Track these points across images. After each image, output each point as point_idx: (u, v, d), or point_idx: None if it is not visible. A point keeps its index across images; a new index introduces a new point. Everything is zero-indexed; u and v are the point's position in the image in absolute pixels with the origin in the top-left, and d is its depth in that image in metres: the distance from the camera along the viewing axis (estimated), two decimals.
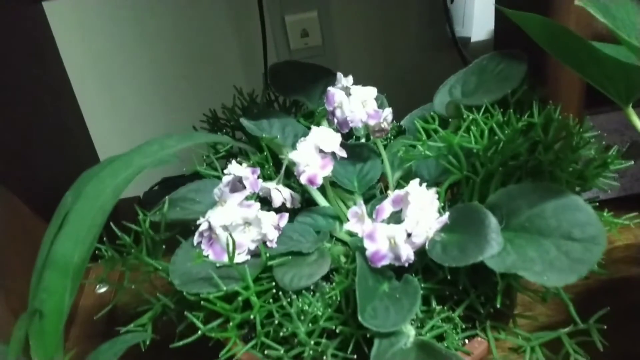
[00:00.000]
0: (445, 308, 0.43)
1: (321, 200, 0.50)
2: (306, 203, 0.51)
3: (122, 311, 0.64)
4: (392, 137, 0.55)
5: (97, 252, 0.47)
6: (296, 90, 0.57)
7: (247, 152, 0.53)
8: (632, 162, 0.46)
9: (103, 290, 0.69)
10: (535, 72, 0.53)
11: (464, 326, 0.43)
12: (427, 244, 0.40)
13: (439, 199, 0.41)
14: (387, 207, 0.41)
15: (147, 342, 0.45)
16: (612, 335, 0.41)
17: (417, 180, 0.40)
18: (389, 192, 0.42)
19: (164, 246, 0.47)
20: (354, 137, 0.55)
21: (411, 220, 0.39)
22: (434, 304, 0.43)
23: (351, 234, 0.46)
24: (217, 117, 0.58)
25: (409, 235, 0.39)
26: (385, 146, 0.53)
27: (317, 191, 0.50)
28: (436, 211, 0.40)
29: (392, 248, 0.40)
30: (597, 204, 0.41)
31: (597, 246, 0.37)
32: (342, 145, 0.47)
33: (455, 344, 0.42)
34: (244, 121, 0.52)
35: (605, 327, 0.41)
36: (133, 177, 0.35)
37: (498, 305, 0.41)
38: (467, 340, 0.43)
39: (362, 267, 0.40)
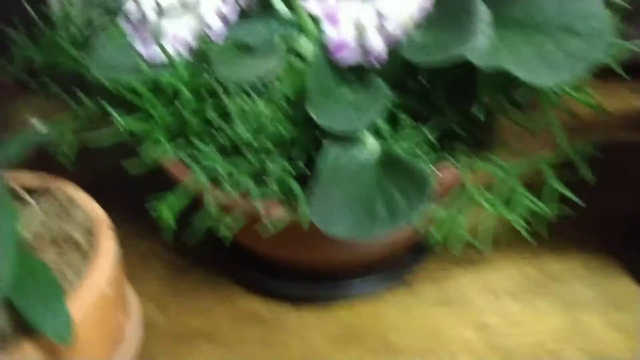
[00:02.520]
0: (418, 125, 0.36)
1: (278, 4, 0.42)
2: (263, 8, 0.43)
3: None
4: None
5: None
6: None
7: None
8: None
9: None
10: None
11: (438, 148, 0.37)
12: (403, 39, 0.33)
13: None
14: None
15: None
16: (597, 191, 0.36)
17: None
18: None
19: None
20: None
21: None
22: (403, 118, 0.36)
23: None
24: None
25: (381, 20, 0.32)
26: None
27: None
28: None
29: (359, 37, 0.32)
30: None
31: (601, 41, 0.30)
32: None
33: (426, 166, 0.36)
34: None
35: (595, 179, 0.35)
36: None
37: (480, 117, 0.35)
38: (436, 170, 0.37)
39: (321, 60, 0.33)
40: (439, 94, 0.36)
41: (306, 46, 0.40)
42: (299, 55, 0.41)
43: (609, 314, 0.42)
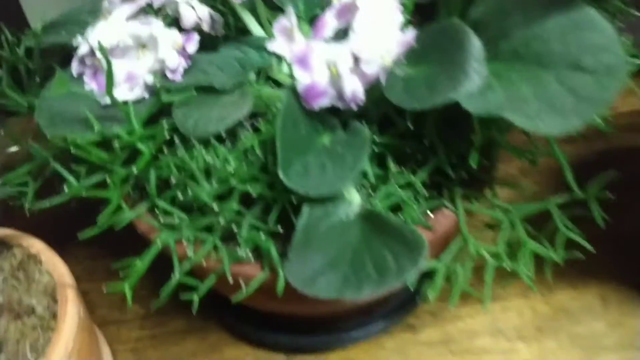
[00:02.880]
0: (405, 170, 0.33)
1: (255, 29, 0.38)
2: (239, 33, 0.39)
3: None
4: None
5: None
6: None
7: None
8: None
9: None
10: None
11: (427, 195, 0.33)
12: (384, 79, 0.29)
13: (404, 12, 0.29)
14: (329, 20, 0.29)
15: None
16: (612, 211, 0.32)
17: None
18: (334, 0, 0.29)
19: (37, 79, 0.35)
20: None
21: (360, 35, 0.27)
22: (391, 165, 0.32)
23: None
24: None
25: (356, 61, 0.28)
26: None
27: (250, 16, 0.38)
28: (398, 29, 0.28)
29: (334, 81, 0.28)
30: None
31: (614, 80, 0.26)
32: None
33: (415, 217, 0.32)
34: None
35: (606, 199, 0.31)
36: None
37: (473, 166, 0.31)
38: (430, 213, 0.33)
39: (291, 107, 0.29)
40: (429, 132, 0.32)
41: (283, 74, 0.36)
42: (276, 83, 0.37)
43: (629, 354, 0.39)
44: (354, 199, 0.30)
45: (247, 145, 0.30)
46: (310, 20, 0.38)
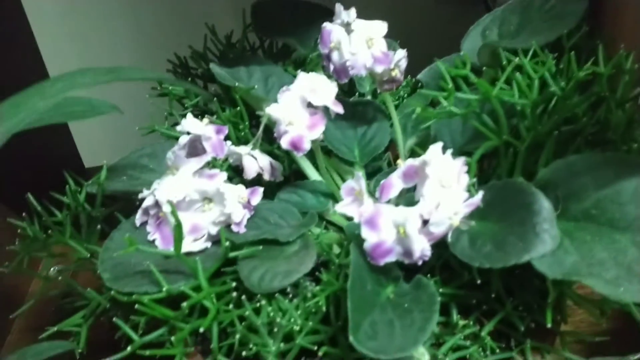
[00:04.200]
0: (471, 321, 0.32)
1: (311, 173, 0.39)
2: (294, 177, 0.40)
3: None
4: (405, 95, 0.44)
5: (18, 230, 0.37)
6: (285, 32, 0.45)
7: (221, 108, 0.41)
8: None
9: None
10: (594, 13, 0.40)
11: (495, 345, 0.32)
12: (449, 235, 0.29)
13: (468, 172, 0.29)
14: (395, 183, 0.29)
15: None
16: None
17: (439, 144, 0.29)
18: (399, 162, 0.30)
19: (99, 227, 0.36)
20: (357, 93, 0.43)
21: (429, 201, 0.28)
22: (455, 315, 0.31)
23: (349, 218, 0.35)
24: (187, 64, 0.46)
25: (425, 222, 0.28)
26: (396, 106, 0.42)
27: (306, 160, 0.39)
28: (464, 190, 0.29)
29: (400, 239, 0.28)
30: None
31: None
32: (340, 100, 0.35)
33: None
34: (215, 67, 0.40)
35: None
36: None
37: (548, 324, 0.30)
38: None
39: (358, 264, 0.29)
40: (495, 283, 0.32)
41: (338, 216, 0.36)
42: (333, 225, 0.38)
43: None
44: (424, 358, 0.29)
45: (313, 302, 0.29)
46: (366, 165, 0.39)
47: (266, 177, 0.36)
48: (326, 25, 0.36)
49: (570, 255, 0.27)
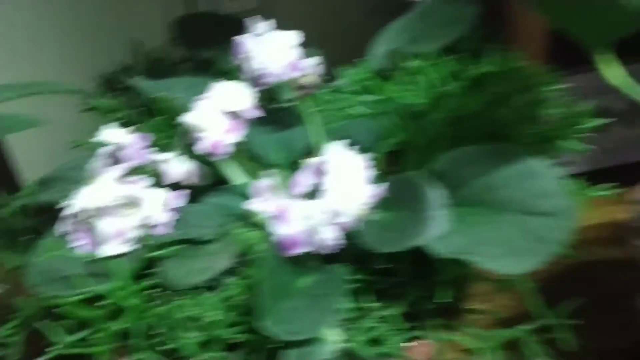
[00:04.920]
0: (383, 304, 0.34)
1: (234, 177, 0.41)
2: (222, 181, 0.42)
3: None
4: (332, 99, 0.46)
5: None
6: (209, 45, 0.47)
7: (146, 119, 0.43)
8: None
9: None
10: (492, 18, 0.44)
11: (407, 326, 0.34)
12: (358, 226, 0.31)
13: (377, 167, 0.32)
14: (303, 179, 0.32)
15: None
16: (586, 327, 0.34)
17: (340, 143, 0.31)
18: (306, 161, 0.33)
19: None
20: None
21: (333, 194, 0.30)
22: (368, 301, 0.34)
23: None
24: (114, 79, 0.48)
25: (331, 214, 0.30)
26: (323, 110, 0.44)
27: (230, 165, 0.41)
28: (368, 182, 0.31)
29: (309, 231, 0.30)
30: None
31: (564, 222, 0.29)
32: (262, 107, 0.37)
33: (394, 349, 0.33)
34: (138, 81, 0.42)
35: (577, 320, 0.33)
36: None
37: (445, 300, 0.33)
38: (410, 344, 0.34)
39: (272, 257, 0.31)
40: (402, 269, 0.34)
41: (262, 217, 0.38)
42: (258, 226, 0.40)
43: None
44: (335, 338, 0.31)
45: (230, 293, 0.31)
46: (289, 168, 0.41)
47: (195, 180, 0.37)
48: (239, 37, 0.39)
49: (460, 236, 0.30)
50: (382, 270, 0.34)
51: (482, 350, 0.34)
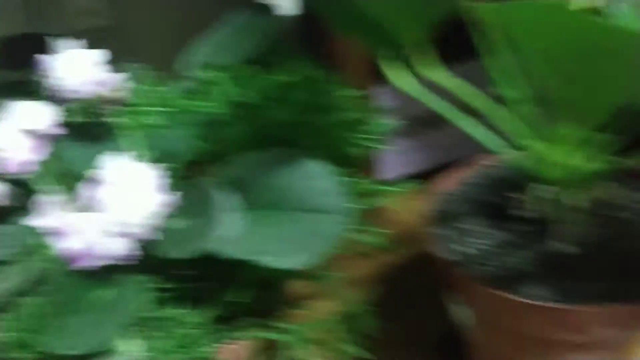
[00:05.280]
0: (195, 310, 0.35)
1: (45, 194, 0.40)
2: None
3: None
4: None
5: None
6: (29, 66, 0.46)
7: None
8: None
9: None
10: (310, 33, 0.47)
11: (221, 328, 0.35)
12: (155, 234, 0.32)
13: (174, 176, 0.33)
14: (86, 192, 0.32)
15: None
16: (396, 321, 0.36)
17: (119, 156, 0.32)
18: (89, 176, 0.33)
19: None
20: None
21: (115, 205, 0.31)
22: (172, 308, 0.34)
23: None
24: None
25: (118, 224, 0.31)
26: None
27: (39, 183, 0.40)
28: (159, 192, 0.32)
29: (90, 244, 0.31)
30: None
31: (338, 217, 0.31)
32: (67, 124, 0.37)
33: (205, 353, 0.34)
34: None
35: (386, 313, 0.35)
36: None
37: (248, 300, 0.34)
38: (223, 345, 0.35)
39: (63, 272, 0.31)
40: (211, 275, 0.35)
41: None
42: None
43: None
44: (130, 349, 0.31)
45: (22, 313, 0.31)
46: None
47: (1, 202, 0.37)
48: (42, 57, 0.39)
49: (252, 238, 0.32)
50: (193, 277, 0.35)
51: (293, 345, 0.36)
